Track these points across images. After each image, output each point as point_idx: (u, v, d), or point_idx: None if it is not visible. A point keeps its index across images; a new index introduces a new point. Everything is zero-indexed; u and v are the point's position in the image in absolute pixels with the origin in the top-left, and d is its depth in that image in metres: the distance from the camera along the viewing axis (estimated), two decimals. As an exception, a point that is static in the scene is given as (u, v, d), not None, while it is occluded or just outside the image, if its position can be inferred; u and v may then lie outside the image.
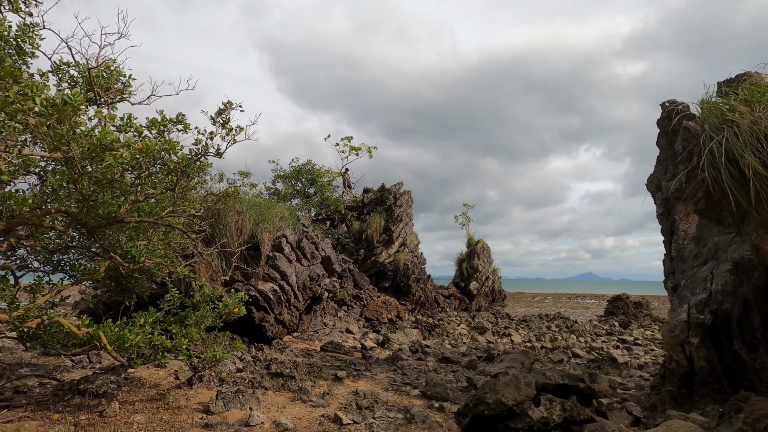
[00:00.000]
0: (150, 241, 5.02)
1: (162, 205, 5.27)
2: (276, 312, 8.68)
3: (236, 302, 5.79)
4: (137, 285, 6.52)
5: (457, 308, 21.78)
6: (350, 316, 14.52)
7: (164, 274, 6.45)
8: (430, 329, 13.30)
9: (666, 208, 6.18)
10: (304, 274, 9.04)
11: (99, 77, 4.64)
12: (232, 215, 8.53)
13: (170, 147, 3.68)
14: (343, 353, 9.23)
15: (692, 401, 4.51)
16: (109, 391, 5.61)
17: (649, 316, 23.15)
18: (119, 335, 4.63)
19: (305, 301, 9.40)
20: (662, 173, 6.19)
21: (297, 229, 9.35)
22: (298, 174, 19.53)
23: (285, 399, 5.71)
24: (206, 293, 5.53)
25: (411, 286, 18.05)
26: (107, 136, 3.15)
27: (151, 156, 3.75)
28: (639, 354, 11.69)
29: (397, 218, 18.58)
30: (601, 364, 9.02)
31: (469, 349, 10.82)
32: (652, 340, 15.14)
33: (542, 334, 15.17)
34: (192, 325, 5.51)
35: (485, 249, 24.38)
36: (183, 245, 5.51)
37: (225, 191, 5.70)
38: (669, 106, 6.18)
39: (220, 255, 8.38)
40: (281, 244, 8.79)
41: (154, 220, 4.38)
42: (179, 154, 3.91)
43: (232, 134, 4.28)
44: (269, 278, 8.50)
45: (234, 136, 4.28)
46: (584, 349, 11.66)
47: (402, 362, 8.68)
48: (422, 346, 10.44)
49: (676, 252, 5.86)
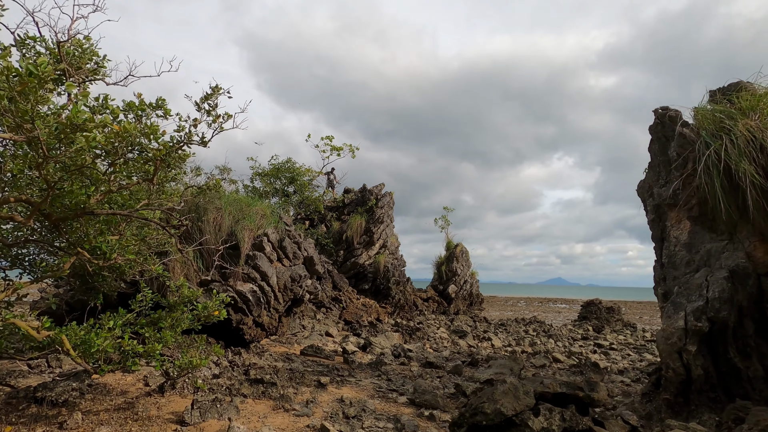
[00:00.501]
0: (123, 236, 4.59)
1: (137, 197, 4.85)
2: (255, 314, 8.28)
3: (217, 304, 5.40)
4: (105, 284, 6.03)
5: (435, 311, 21.70)
6: (329, 318, 14.16)
7: (136, 273, 5.99)
8: (411, 333, 13.09)
9: (657, 214, 6.17)
10: (285, 275, 8.67)
11: (70, 55, 4.19)
12: (210, 211, 8.08)
13: (151, 131, 3.32)
14: (324, 357, 8.90)
15: (689, 410, 4.45)
16: (71, 400, 5.12)
17: (620, 320, 23.72)
18: (85, 339, 4.19)
19: (286, 303, 9.02)
20: (654, 179, 6.18)
21: (279, 227, 8.97)
22: (277, 172, 19.01)
23: (266, 407, 5.36)
24: (184, 294, 5.12)
25: (391, 288, 17.82)
26: (79, 115, 2.77)
27: (128, 141, 3.38)
28: (616, 359, 11.83)
29: (379, 219, 18.34)
30: (583, 369, 9.02)
31: (452, 353, 10.67)
32: (626, 344, 15.43)
33: (521, 339, 15.21)
34: (167, 329, 5.10)
35: (464, 252, 24.45)
36: (159, 241, 5.09)
37: (206, 184, 5.30)
38: (662, 112, 6.18)
39: (196, 253, 7.91)
40: (262, 243, 8.40)
41: (127, 213, 3.98)
42: (160, 140, 3.54)
43: (220, 121, 3.94)
44: (249, 278, 8.09)
45: (221, 124, 3.94)
46: (564, 354, 11.71)
47: (386, 367, 8.42)
48: (405, 350, 10.22)
49: (668, 258, 5.85)
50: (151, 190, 4.98)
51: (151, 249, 5.13)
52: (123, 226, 4.77)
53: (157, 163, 3.89)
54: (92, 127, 2.83)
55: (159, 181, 4.52)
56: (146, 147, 3.48)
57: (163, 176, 4.42)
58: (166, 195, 5.21)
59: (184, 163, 4.74)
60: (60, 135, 2.94)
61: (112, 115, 3.37)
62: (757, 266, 4.77)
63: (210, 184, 5.47)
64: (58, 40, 3.94)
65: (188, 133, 4.01)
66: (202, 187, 5.38)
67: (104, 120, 2.86)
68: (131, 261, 4.64)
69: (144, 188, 5.12)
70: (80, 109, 2.85)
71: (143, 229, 4.87)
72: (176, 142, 3.97)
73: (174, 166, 4.39)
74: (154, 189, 4.89)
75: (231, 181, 10.37)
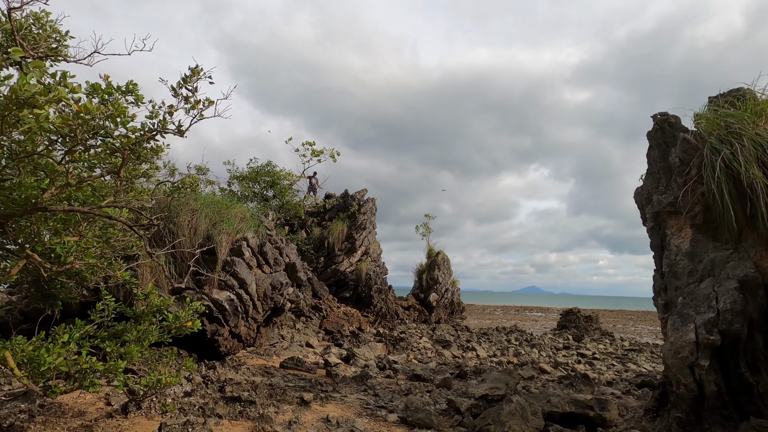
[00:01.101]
0: (83, 237, 4.03)
1: (101, 194, 4.30)
2: (231, 324, 7.70)
3: (189, 314, 4.87)
4: (63, 291, 5.40)
5: (416, 320, 21.34)
6: (309, 328, 13.58)
7: (99, 279, 5.38)
8: (395, 343, 12.66)
9: (657, 222, 5.99)
10: (265, 282, 8.13)
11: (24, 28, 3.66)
12: (185, 213, 7.50)
13: (118, 113, 2.83)
14: (305, 371, 8.37)
15: (701, 428, 4.19)
16: (18, 423, 4.49)
17: (598, 329, 23.92)
18: (33, 355, 3.61)
19: (265, 312, 8.47)
20: (654, 186, 6.01)
21: (260, 232, 8.43)
22: (256, 175, 18.34)
23: (244, 429, 4.83)
24: (153, 303, 4.57)
25: (373, 296, 17.35)
26: (27, 87, 2.28)
27: (90, 125, 2.88)
28: (602, 369, 11.70)
29: (361, 226, 17.90)
30: (573, 381, 8.79)
31: (438, 365, 10.28)
32: (608, 354, 15.42)
33: (505, 348, 14.98)
34: (132, 342, 4.53)
35: (445, 260, 24.25)
36: (127, 244, 4.54)
37: (182, 180, 4.78)
38: (661, 118, 6.04)
39: (168, 258, 7.30)
40: (241, 248, 7.85)
41: (88, 210, 3.45)
42: (129, 125, 3.06)
43: (200, 108, 3.47)
44: (226, 286, 7.52)
45: (202, 111, 3.48)
46: (550, 364, 11.50)
47: (371, 380, 7.96)
48: (390, 362, 9.77)
49: (668, 268, 5.66)
50: (118, 187, 4.45)
51: (117, 252, 4.57)
52: (84, 225, 4.20)
53: (125, 154, 3.39)
54: (43, 102, 2.35)
55: (127, 174, 4.01)
56: (111, 133, 2.99)
57: (132, 170, 3.91)
58: (135, 192, 4.67)
59: (157, 157, 4.23)
60: (3, 113, 2.43)
61: (72, 94, 2.86)
62: (765, 276, 4.60)
63: (186, 181, 4.96)
64: (9, 7, 3.40)
65: (162, 121, 3.53)
66: (177, 185, 4.86)
67: (59, 94, 2.37)
68: (92, 266, 4.08)
69: (110, 184, 4.58)
70: (29, 81, 2.36)
71: (108, 230, 4.31)
72: (147, 130, 3.48)
73: (145, 158, 3.88)
74: (121, 185, 4.37)
75: (208, 182, 9.76)
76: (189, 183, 4.97)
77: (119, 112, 2.86)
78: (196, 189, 4.87)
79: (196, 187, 4.80)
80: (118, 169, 3.46)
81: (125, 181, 4.55)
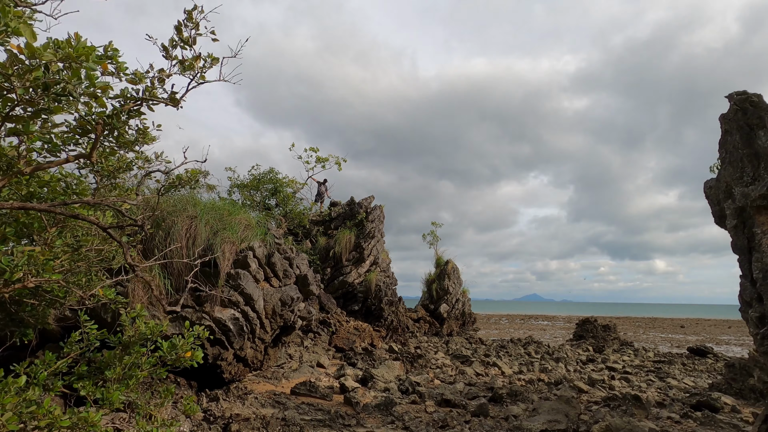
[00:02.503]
0: (49, 246, 3.08)
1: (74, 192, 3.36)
2: (236, 347, 6.70)
3: (189, 342, 3.90)
4: (34, 314, 4.42)
5: (427, 333, 20.29)
6: (318, 345, 12.55)
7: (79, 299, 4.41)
8: (412, 360, 11.62)
9: (741, 219, 5.07)
10: (274, 298, 7.15)
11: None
12: (182, 220, 6.55)
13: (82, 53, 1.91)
14: (320, 397, 7.35)
15: None
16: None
17: (617, 339, 22.85)
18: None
19: (273, 331, 7.47)
20: (736, 177, 5.10)
21: (267, 240, 7.48)
22: (258, 183, 17.40)
23: (257, 487, 3.84)
24: (142, 331, 3.61)
25: (383, 309, 16.32)
26: None
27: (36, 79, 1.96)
28: (641, 386, 10.68)
29: (369, 234, 16.94)
30: (621, 403, 7.77)
31: (465, 386, 9.26)
32: (638, 367, 14.38)
33: (528, 363, 13.95)
34: (115, 381, 3.56)
35: (455, 270, 23.28)
36: (106, 255, 3.59)
37: (178, 176, 3.87)
38: (740, 97, 5.15)
39: (162, 271, 6.33)
40: (247, 258, 6.89)
41: (47, 208, 2.50)
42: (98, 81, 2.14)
43: (200, 65, 2.56)
44: (230, 303, 6.54)
45: (203, 70, 2.56)
46: (584, 382, 10.48)
47: (397, 408, 6.95)
48: (412, 383, 8.76)
49: (762, 273, 4.73)
50: (99, 184, 3.53)
51: (95, 266, 3.62)
52: (52, 232, 3.25)
53: (99, 130, 2.46)
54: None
55: (105, 164, 3.08)
56: (73, 91, 2.06)
57: (109, 157, 2.98)
58: (120, 191, 3.75)
59: (144, 141, 3.30)
60: None
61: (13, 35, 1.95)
62: None
63: (183, 177, 4.03)
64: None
65: (150, 86, 2.61)
66: (173, 181, 3.93)
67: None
68: (58, 283, 3.13)
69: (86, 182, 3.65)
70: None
71: (81, 237, 3.36)
72: (129, 98, 2.56)
73: (127, 143, 2.95)
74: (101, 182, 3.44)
75: (209, 187, 8.84)
76: (187, 179, 4.04)
77: (83, 53, 1.94)
78: (195, 185, 3.95)
79: (195, 183, 3.89)
80: (90, 151, 2.53)
81: (106, 175, 3.62)
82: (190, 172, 3.95)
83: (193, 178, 3.97)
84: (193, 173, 3.97)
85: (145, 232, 2.99)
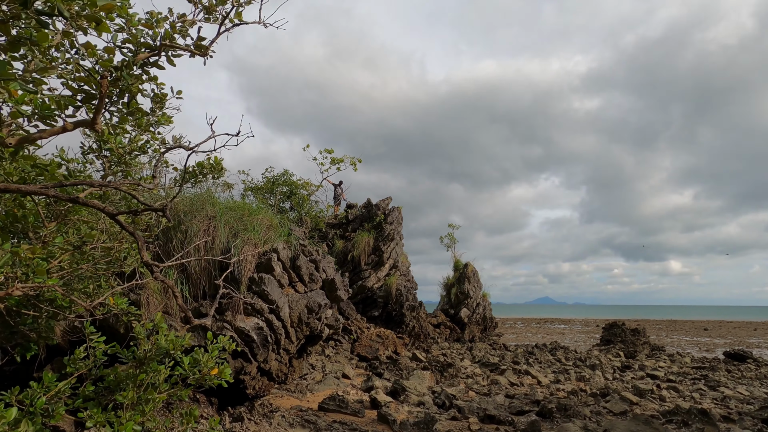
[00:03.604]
0: (44, 244, 2.47)
1: (73, 176, 2.76)
2: (260, 359, 6.07)
3: (214, 357, 3.27)
4: (35, 327, 3.84)
5: (448, 339, 19.54)
6: (340, 354, 11.88)
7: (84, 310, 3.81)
8: (442, 370, 10.88)
9: None
10: (300, 304, 6.51)
11: None
12: (200, 220, 5.97)
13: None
14: (351, 414, 6.68)
15: None
16: None
17: (647, 344, 21.79)
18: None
19: (299, 341, 6.83)
20: None
21: (291, 242, 6.86)
22: (272, 186, 16.88)
23: None
24: (161, 344, 3.00)
25: (405, 315, 15.61)
26: None
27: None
28: (694, 396, 9.81)
29: (389, 237, 16.27)
30: (687, 419, 6.97)
31: (506, 399, 8.51)
32: (680, 374, 13.45)
33: (562, 371, 13.12)
34: (128, 407, 2.94)
35: (475, 273, 22.53)
36: (117, 255, 2.98)
37: (199, 164, 3.27)
38: None
39: (179, 277, 5.75)
40: (271, 262, 6.27)
41: (39, 190, 1.89)
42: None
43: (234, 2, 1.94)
44: (253, 310, 5.92)
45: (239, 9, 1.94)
46: (631, 392, 9.65)
47: (437, 426, 6.24)
48: (448, 396, 8.04)
49: None
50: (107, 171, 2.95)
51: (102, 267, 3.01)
52: (51, 226, 2.65)
53: (104, 86, 1.84)
54: None
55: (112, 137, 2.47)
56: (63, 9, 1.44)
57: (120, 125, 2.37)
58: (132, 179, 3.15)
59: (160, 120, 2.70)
60: None
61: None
62: None
63: (205, 164, 3.43)
64: None
65: (169, 32, 1.99)
66: (194, 168, 3.33)
67: None
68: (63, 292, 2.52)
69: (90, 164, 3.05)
70: None
71: (82, 228, 2.75)
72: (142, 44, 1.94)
73: (137, 105, 2.34)
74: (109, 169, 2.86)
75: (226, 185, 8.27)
76: (210, 166, 3.43)
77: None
78: (220, 174, 3.34)
79: (220, 170, 3.28)
80: (94, 116, 1.92)
81: (115, 160, 3.01)
82: (215, 159, 3.35)
83: (217, 167, 3.36)
84: (216, 161, 3.36)
85: (169, 218, 2.38)
